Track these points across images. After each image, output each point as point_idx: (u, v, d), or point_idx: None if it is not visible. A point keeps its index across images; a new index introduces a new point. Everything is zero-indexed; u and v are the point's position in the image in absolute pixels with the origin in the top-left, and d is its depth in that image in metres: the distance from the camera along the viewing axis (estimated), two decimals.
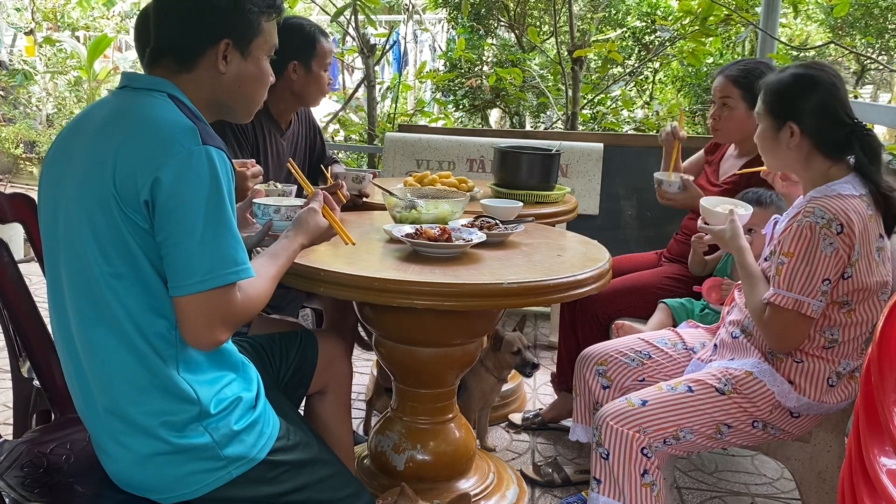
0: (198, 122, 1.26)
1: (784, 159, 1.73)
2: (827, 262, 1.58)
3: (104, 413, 1.28)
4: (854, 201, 1.62)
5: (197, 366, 1.29)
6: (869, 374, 1.27)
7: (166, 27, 1.33)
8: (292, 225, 1.51)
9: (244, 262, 1.24)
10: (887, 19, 7.20)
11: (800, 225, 1.61)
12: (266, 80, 1.41)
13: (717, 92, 2.37)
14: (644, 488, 1.65)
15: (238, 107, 1.40)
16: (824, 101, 1.66)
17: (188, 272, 1.20)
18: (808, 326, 1.65)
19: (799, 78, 1.69)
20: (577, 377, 2.03)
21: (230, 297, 1.23)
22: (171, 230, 1.19)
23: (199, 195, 1.19)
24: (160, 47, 1.33)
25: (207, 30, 1.31)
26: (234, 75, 1.35)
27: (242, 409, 1.33)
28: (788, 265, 1.61)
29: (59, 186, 1.29)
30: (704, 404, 1.71)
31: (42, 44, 7.99)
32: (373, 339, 2.03)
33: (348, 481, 1.50)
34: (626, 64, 5.88)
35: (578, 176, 3.77)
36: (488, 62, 6.46)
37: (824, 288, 1.60)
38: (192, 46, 1.31)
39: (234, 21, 1.32)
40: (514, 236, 2.04)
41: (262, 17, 1.35)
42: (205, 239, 1.20)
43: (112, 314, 1.23)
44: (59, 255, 1.28)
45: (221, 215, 1.21)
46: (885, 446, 1.23)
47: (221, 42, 1.31)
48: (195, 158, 1.19)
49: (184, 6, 1.31)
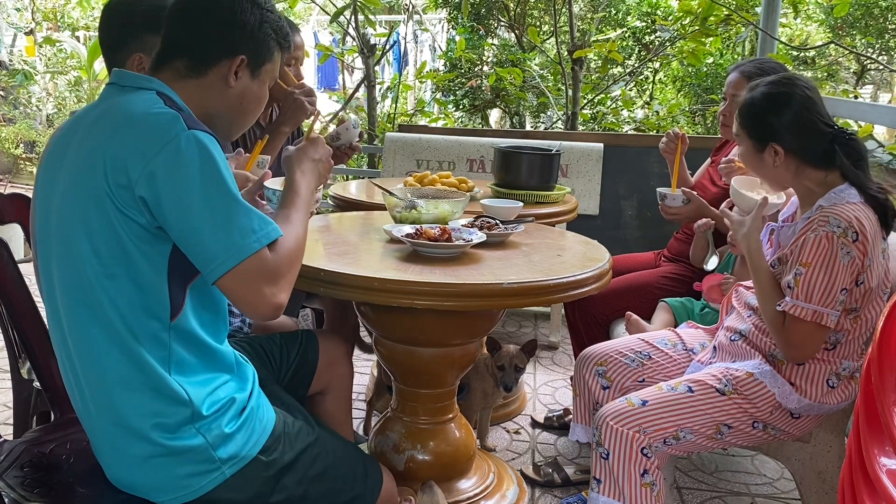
0: (182, 111, 1.26)
1: (773, 177, 1.72)
2: (844, 272, 1.57)
3: (97, 415, 1.28)
4: (863, 206, 1.61)
5: (189, 367, 1.29)
6: (869, 374, 1.27)
7: (189, 30, 1.34)
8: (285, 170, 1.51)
9: (262, 228, 1.23)
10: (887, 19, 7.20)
11: (816, 235, 1.58)
12: (263, 105, 1.45)
13: (730, 87, 2.35)
14: (644, 488, 1.65)
15: (231, 122, 1.42)
16: (800, 117, 1.64)
17: (211, 256, 1.20)
18: (825, 336, 1.64)
19: (771, 98, 1.66)
20: (577, 377, 2.03)
21: (263, 262, 1.22)
22: (180, 221, 1.19)
23: (195, 179, 1.19)
24: (175, 48, 1.35)
25: (229, 42, 1.34)
26: (239, 91, 1.38)
27: (235, 409, 1.32)
28: (806, 276, 1.59)
29: (52, 186, 1.29)
30: (705, 405, 1.71)
31: (42, 44, 7.99)
32: (373, 338, 2.03)
33: (352, 468, 1.49)
34: (626, 64, 5.88)
35: (578, 176, 3.77)
36: (488, 62, 6.47)
37: (842, 298, 1.59)
38: (210, 54, 1.34)
39: (255, 41, 1.36)
40: (514, 236, 2.04)
41: (276, 46, 1.41)
42: (214, 219, 1.19)
43: (104, 315, 1.23)
44: (52, 256, 1.28)
45: (223, 191, 1.21)
46: (885, 446, 1.23)
47: (238, 57, 1.35)
48: (183, 144, 1.19)
49: (213, 15, 1.34)
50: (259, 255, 1.22)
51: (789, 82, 1.68)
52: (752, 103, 1.69)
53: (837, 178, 1.66)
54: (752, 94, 1.71)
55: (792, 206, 1.82)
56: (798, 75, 1.78)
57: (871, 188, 1.63)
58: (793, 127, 1.65)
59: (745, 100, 1.71)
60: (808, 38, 8.12)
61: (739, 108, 1.72)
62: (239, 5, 1.34)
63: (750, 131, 1.70)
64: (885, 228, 1.65)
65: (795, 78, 1.71)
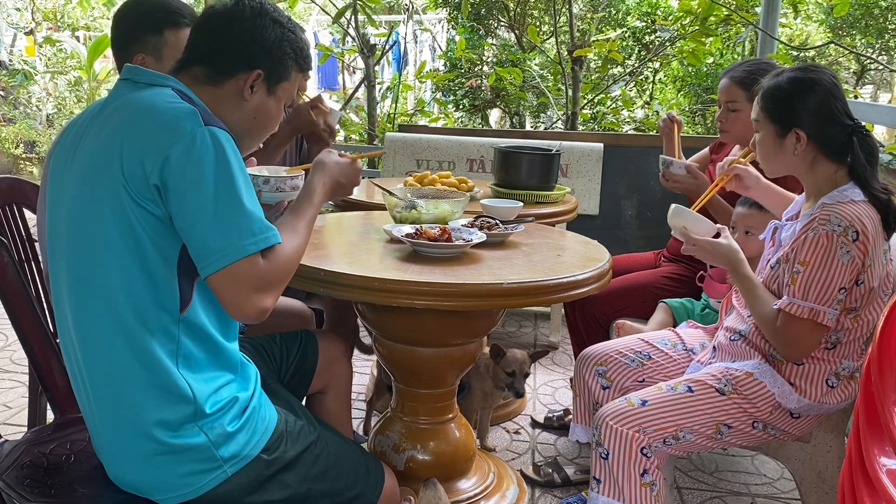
0: (198, 106, 1.28)
1: (789, 165, 1.70)
2: (843, 271, 1.56)
3: (99, 410, 1.29)
4: (866, 206, 1.60)
5: (197, 364, 1.29)
6: (869, 374, 1.27)
7: (210, 39, 1.38)
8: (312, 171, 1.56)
9: (262, 232, 1.24)
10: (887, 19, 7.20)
11: (816, 233, 1.58)
12: (277, 122, 1.48)
13: (722, 94, 2.34)
14: (644, 488, 1.65)
15: (244, 135, 1.44)
16: (826, 103, 1.63)
17: (207, 252, 1.21)
18: (822, 335, 1.63)
19: (798, 82, 1.65)
20: (577, 377, 2.03)
21: (255, 266, 1.23)
22: (186, 213, 1.21)
23: (207, 174, 1.20)
24: (196, 56, 1.38)
25: (248, 55, 1.37)
26: (255, 105, 1.40)
27: (238, 408, 1.33)
28: (804, 274, 1.59)
29: (63, 179, 1.30)
30: (704, 404, 1.71)
31: (42, 44, 8.00)
32: (372, 338, 2.03)
33: (354, 466, 1.49)
34: (626, 64, 5.88)
35: (578, 176, 3.77)
36: (488, 62, 6.47)
37: (840, 297, 1.58)
38: (227, 64, 1.37)
39: (273, 58, 1.39)
40: (514, 236, 2.04)
41: (295, 66, 1.43)
42: (217, 216, 1.20)
43: (113, 306, 1.23)
44: (61, 247, 1.29)
45: (232, 191, 1.22)
46: (885, 446, 1.23)
47: (255, 71, 1.37)
48: (199, 139, 1.21)
49: (234, 27, 1.37)
50: (252, 258, 1.23)
51: (816, 69, 1.68)
52: (777, 87, 1.67)
53: (845, 176, 1.66)
54: (777, 80, 1.69)
55: (796, 205, 1.82)
56: (821, 66, 1.76)
57: (876, 187, 1.62)
58: (818, 113, 1.63)
59: (770, 85, 1.69)
60: (808, 38, 8.12)
61: (763, 93, 1.70)
62: (260, 21, 1.37)
63: (773, 114, 1.67)
64: (887, 230, 1.64)
65: (820, 67, 1.71)
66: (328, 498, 1.43)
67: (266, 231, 1.25)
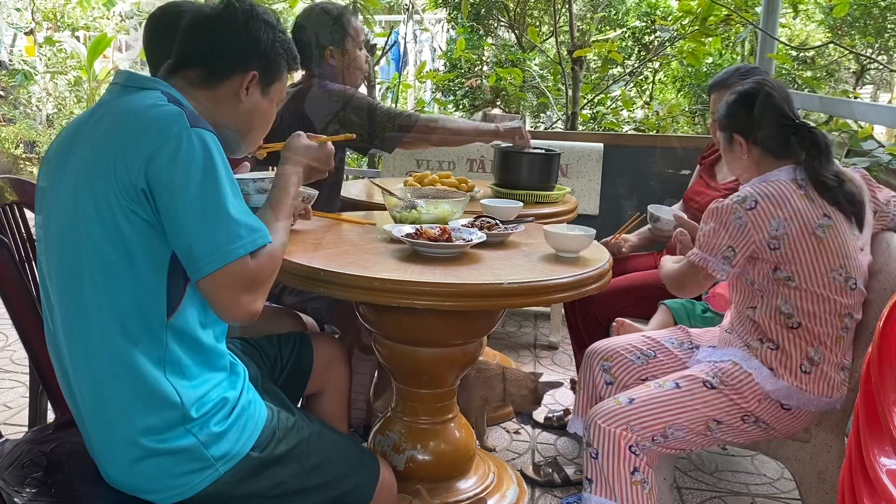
0: (185, 109, 1.28)
1: (744, 168, 1.86)
2: (733, 230, 1.70)
3: (87, 417, 1.29)
4: (780, 185, 1.72)
5: (185, 368, 1.29)
6: (869, 374, 1.27)
7: (203, 42, 1.38)
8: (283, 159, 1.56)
9: (248, 235, 1.25)
10: (887, 19, 7.20)
11: (720, 202, 1.75)
12: (270, 122, 1.49)
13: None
14: (634, 486, 1.65)
15: (240, 136, 1.45)
16: (761, 110, 1.80)
17: (197, 256, 1.21)
18: (703, 281, 1.81)
19: (737, 93, 1.86)
20: (584, 370, 2.03)
21: (244, 269, 1.23)
22: (174, 218, 1.20)
23: (194, 178, 1.20)
24: (189, 59, 1.38)
25: (243, 57, 1.38)
26: (250, 106, 1.41)
27: (227, 408, 1.32)
28: (700, 230, 1.79)
29: (55, 185, 1.30)
30: (692, 400, 1.72)
31: (42, 44, 8.00)
32: (371, 338, 2.03)
33: (348, 460, 1.49)
34: (626, 64, 5.88)
35: (578, 176, 3.77)
36: (488, 62, 6.47)
37: (727, 254, 1.72)
38: (224, 67, 1.37)
39: (267, 59, 1.41)
40: (514, 236, 2.04)
41: (286, 66, 1.45)
42: (204, 219, 1.20)
43: (99, 313, 1.23)
44: (51, 252, 1.29)
45: (218, 194, 1.22)
46: (885, 446, 1.22)
47: (250, 72, 1.38)
48: (185, 141, 1.21)
49: (228, 29, 1.37)
50: (242, 261, 1.23)
51: (757, 82, 1.86)
52: (726, 102, 1.89)
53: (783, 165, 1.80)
54: (728, 95, 1.90)
55: None
56: (769, 79, 1.96)
57: (824, 175, 1.73)
58: (751, 118, 1.81)
59: (724, 100, 1.91)
60: (807, 38, 8.12)
61: (719, 108, 1.92)
62: (253, 23, 1.38)
63: (721, 125, 1.89)
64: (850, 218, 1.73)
65: (764, 80, 1.89)
66: (323, 491, 1.43)
67: (253, 234, 1.25)
